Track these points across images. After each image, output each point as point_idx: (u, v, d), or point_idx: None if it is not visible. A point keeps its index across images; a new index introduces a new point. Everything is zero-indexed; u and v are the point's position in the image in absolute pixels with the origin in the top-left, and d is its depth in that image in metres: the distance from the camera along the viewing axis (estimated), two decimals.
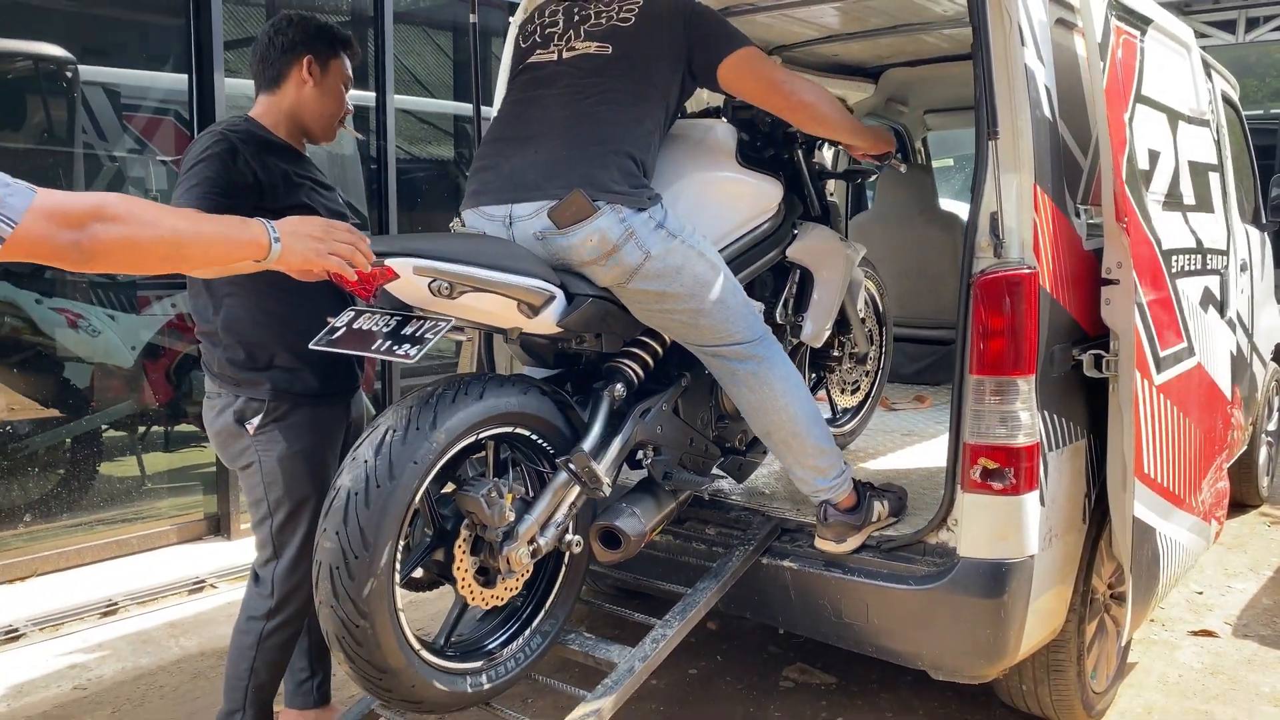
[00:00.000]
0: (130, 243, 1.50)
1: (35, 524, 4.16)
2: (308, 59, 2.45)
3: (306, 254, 1.77)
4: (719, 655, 3.44)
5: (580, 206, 2.15)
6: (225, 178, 2.29)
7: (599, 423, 2.30)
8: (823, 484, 2.50)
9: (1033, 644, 2.51)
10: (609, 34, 2.37)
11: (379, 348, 1.97)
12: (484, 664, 2.25)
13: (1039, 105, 2.38)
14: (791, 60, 4.41)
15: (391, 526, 1.94)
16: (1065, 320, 2.48)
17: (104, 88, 5.36)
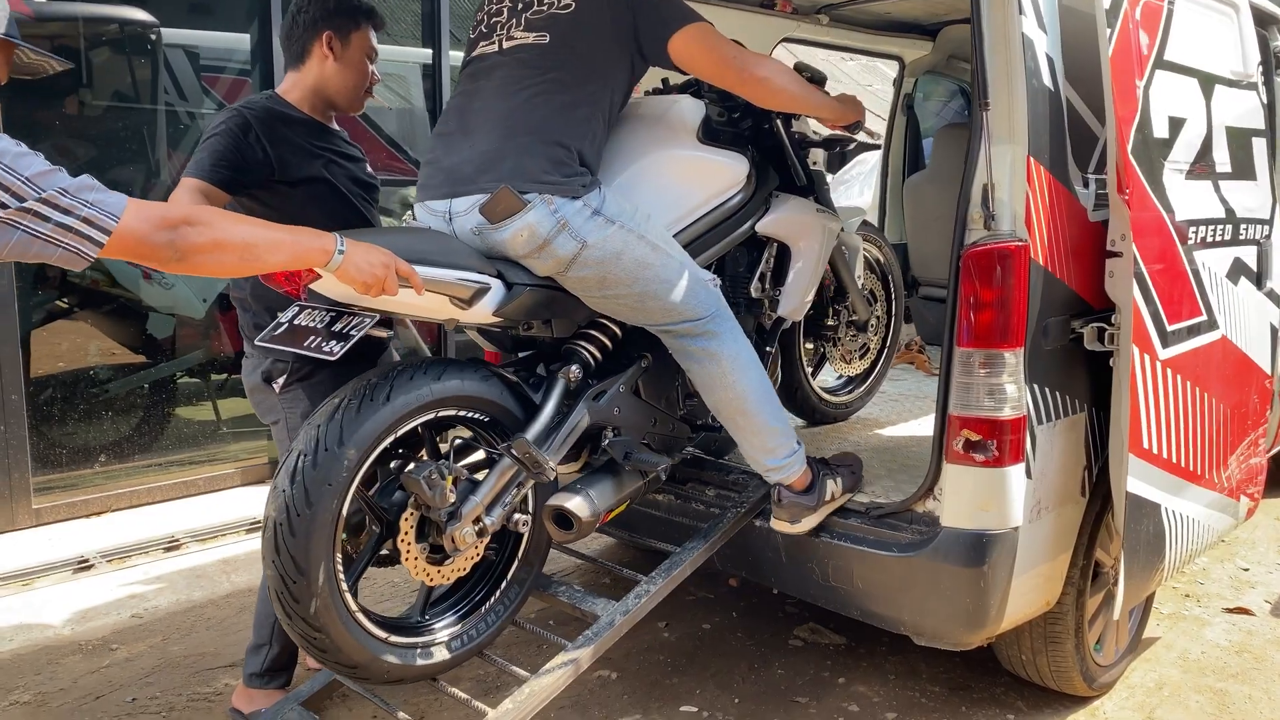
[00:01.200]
0: (216, 244, 1.67)
1: (111, 464, 4.47)
2: (327, 34, 2.53)
3: (362, 276, 1.89)
4: (734, 612, 3.53)
5: (508, 202, 2.17)
6: (234, 152, 2.40)
7: (550, 406, 2.34)
8: (771, 463, 2.52)
9: (1020, 615, 2.53)
10: (547, 22, 2.36)
11: (309, 344, 2.03)
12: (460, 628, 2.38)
13: (1037, 75, 2.35)
14: (840, 19, 4.37)
15: (320, 549, 2.01)
16: (1062, 293, 2.45)
17: (184, 49, 5.60)
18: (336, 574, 2.07)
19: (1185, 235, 2.66)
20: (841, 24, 4.41)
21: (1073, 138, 2.51)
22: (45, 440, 4.27)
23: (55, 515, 4.14)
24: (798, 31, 4.29)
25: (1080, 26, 2.52)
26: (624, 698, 2.96)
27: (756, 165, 2.74)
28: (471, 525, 2.21)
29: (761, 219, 2.79)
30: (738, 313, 2.77)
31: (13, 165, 1.49)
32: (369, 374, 2.12)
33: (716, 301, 2.45)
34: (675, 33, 2.32)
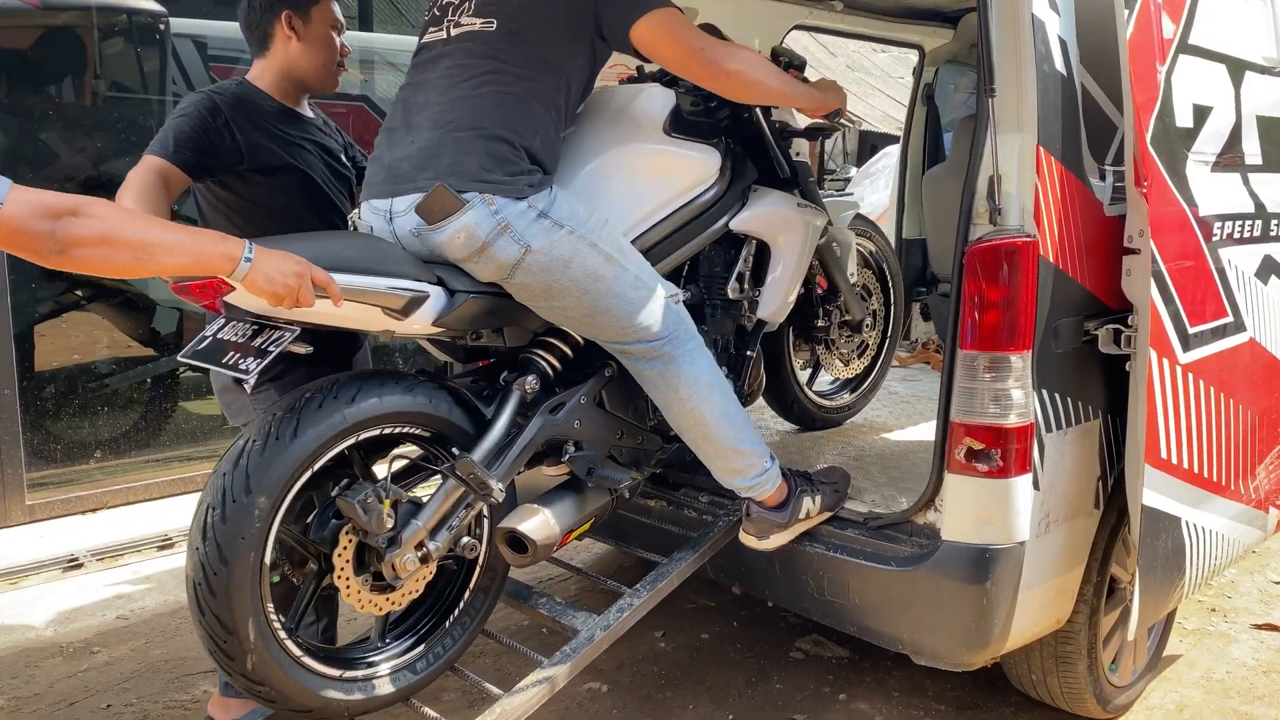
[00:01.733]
0: (103, 238, 1.53)
1: (107, 460, 4.42)
2: (286, 14, 2.41)
3: (272, 286, 1.74)
4: (736, 622, 3.40)
5: (444, 201, 2.01)
6: (199, 134, 2.28)
7: (502, 421, 2.18)
8: (741, 484, 2.38)
9: (1027, 634, 2.38)
10: (496, 6, 2.20)
11: (227, 360, 1.87)
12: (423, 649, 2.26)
13: (1048, 59, 2.19)
14: (855, 5, 4.21)
15: (244, 605, 1.88)
16: (1075, 292, 2.30)
17: (193, 39, 5.55)
18: (270, 624, 1.94)
19: (1210, 231, 2.49)
20: (857, 10, 4.26)
21: (1088, 127, 2.35)
22: (40, 436, 4.22)
23: (49, 512, 4.09)
24: (810, 18, 4.14)
25: (1097, 8, 2.36)
26: (613, 712, 2.84)
27: (733, 157, 2.58)
28: (414, 551, 2.05)
29: (737, 215, 2.62)
30: (713, 315, 2.64)
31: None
32: (275, 407, 1.96)
33: (675, 320, 2.27)
34: (639, 18, 2.15)
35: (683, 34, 2.19)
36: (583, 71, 2.25)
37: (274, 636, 1.95)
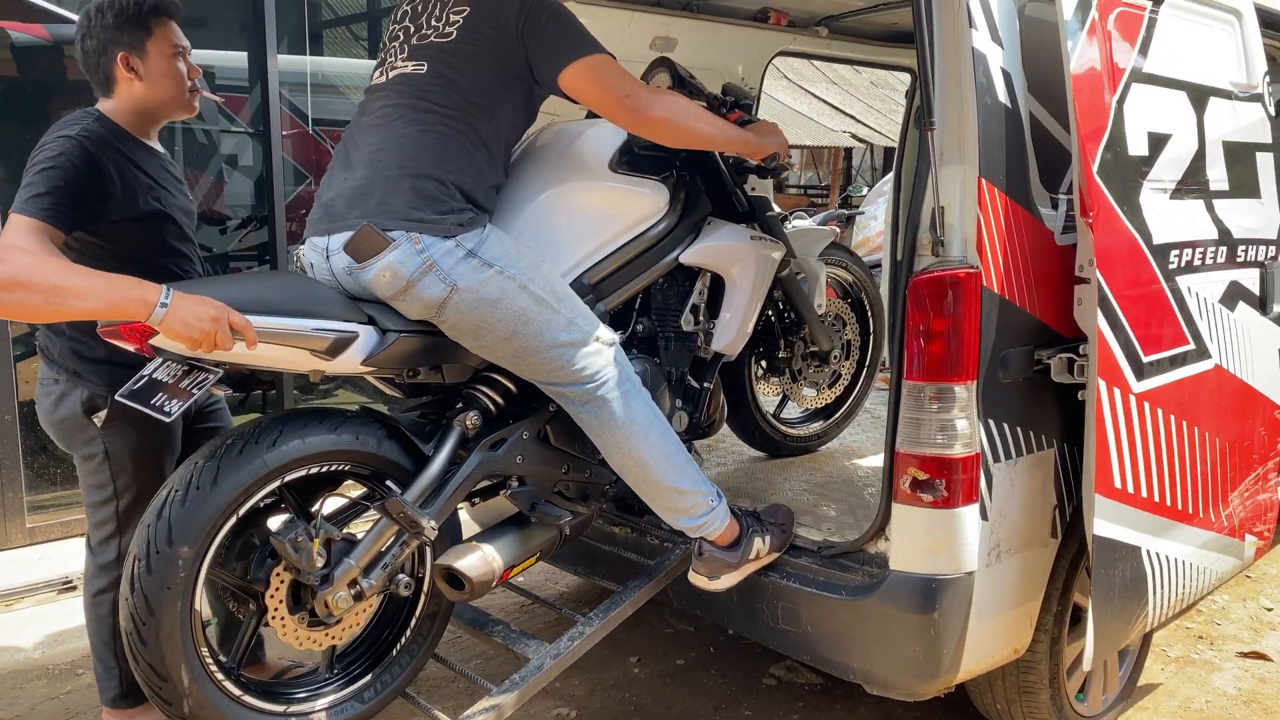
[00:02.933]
0: (15, 282, 1.58)
1: None
2: (122, 56, 2.30)
3: (189, 330, 1.78)
4: (712, 647, 3.40)
5: (371, 240, 2.04)
6: (80, 187, 2.17)
7: (440, 458, 2.19)
8: (687, 523, 2.37)
9: (983, 663, 2.37)
10: (426, 51, 2.24)
11: (154, 402, 1.90)
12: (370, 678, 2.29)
13: (990, 92, 2.21)
14: (841, 30, 4.23)
15: (176, 653, 1.93)
16: (1024, 321, 2.30)
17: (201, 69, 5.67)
18: (206, 668, 1.99)
19: (1166, 259, 2.48)
20: (843, 36, 4.27)
21: (1040, 157, 2.36)
22: (41, 459, 4.31)
23: (49, 534, 4.17)
24: (795, 44, 4.17)
25: (1047, 39, 2.37)
26: None
27: (687, 190, 2.60)
28: (346, 589, 2.08)
29: (689, 248, 2.63)
30: (667, 346, 2.66)
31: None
32: (195, 456, 1.99)
33: (607, 364, 2.27)
34: (566, 66, 2.19)
35: (609, 81, 2.21)
36: (517, 110, 2.28)
37: (210, 678, 2.00)
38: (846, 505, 2.79)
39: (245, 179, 5.73)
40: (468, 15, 2.24)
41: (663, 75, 2.73)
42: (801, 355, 3.21)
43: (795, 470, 3.19)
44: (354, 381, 5.52)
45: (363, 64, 6.62)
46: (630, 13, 3.55)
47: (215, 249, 5.55)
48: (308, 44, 6.06)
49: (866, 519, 2.62)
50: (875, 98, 14.41)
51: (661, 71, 2.73)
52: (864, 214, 8.47)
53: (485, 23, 2.22)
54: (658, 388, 2.60)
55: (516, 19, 2.20)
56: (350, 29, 7.05)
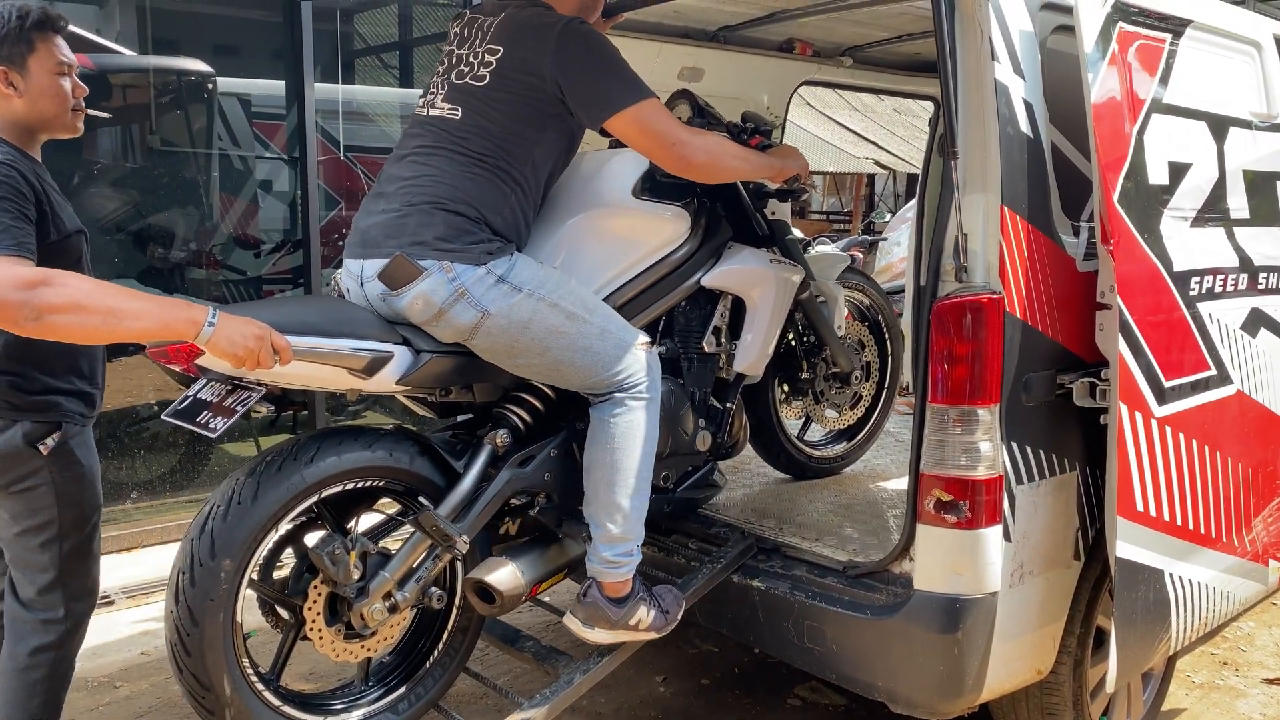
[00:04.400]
0: (75, 305, 1.66)
1: (144, 500, 4.61)
2: (0, 71, 2.20)
3: (234, 349, 1.85)
4: (737, 668, 3.44)
5: (404, 269, 2.13)
6: (30, 213, 2.09)
7: (471, 474, 2.26)
8: (604, 550, 2.32)
9: (1006, 684, 2.40)
10: (461, 95, 2.31)
11: (200, 419, 1.97)
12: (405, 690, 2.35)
13: (1012, 122, 2.27)
14: (865, 60, 4.30)
15: (216, 662, 2.01)
16: (1046, 346, 2.35)
17: (238, 97, 5.83)
18: (247, 678, 2.06)
19: (1187, 286, 2.52)
20: (867, 65, 4.35)
21: (1061, 185, 2.41)
22: None
23: None
24: (819, 74, 4.24)
25: (1069, 71, 2.43)
26: None
27: (708, 216, 2.67)
28: (381, 601, 2.15)
29: (710, 272, 2.70)
30: (690, 367, 2.71)
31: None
32: (237, 472, 2.07)
33: (644, 369, 2.33)
34: (613, 115, 2.26)
35: (655, 129, 2.29)
36: (556, 145, 2.34)
37: (251, 688, 2.07)
38: (870, 526, 2.84)
39: (279, 204, 5.86)
40: (500, 58, 2.29)
41: (683, 106, 2.79)
42: (823, 377, 3.25)
43: (820, 491, 3.23)
44: (383, 403, 5.62)
45: (393, 93, 6.77)
46: (659, 44, 3.64)
47: (250, 272, 5.67)
48: (340, 73, 6.21)
49: (890, 540, 2.66)
50: (898, 124, 14.49)
51: (682, 103, 2.80)
52: (886, 240, 8.51)
53: (517, 66, 2.27)
54: (681, 408, 2.65)
55: (550, 62, 2.24)
56: (381, 58, 7.21)
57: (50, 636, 2.30)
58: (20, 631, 2.31)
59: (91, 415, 2.39)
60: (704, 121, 2.74)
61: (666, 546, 2.82)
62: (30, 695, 2.30)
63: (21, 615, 2.32)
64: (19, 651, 2.30)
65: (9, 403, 2.24)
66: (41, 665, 2.30)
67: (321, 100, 5.18)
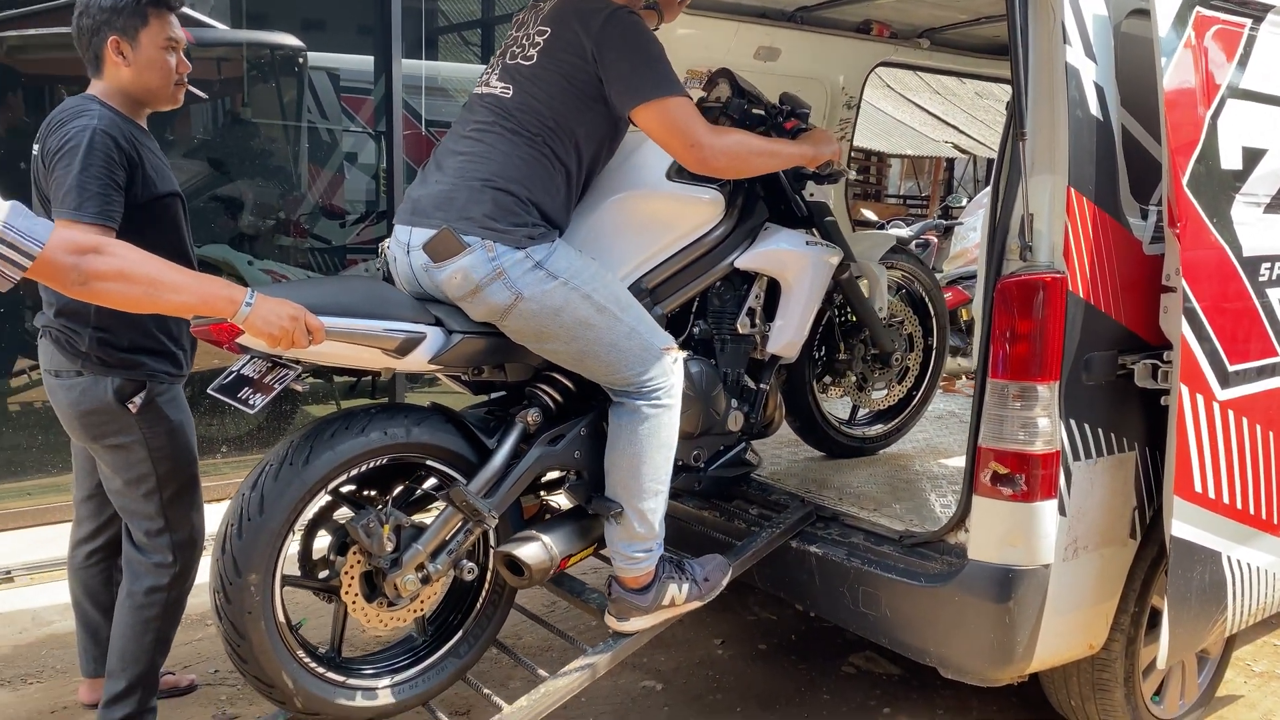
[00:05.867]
0: (120, 273, 1.73)
1: (232, 455, 4.84)
2: (113, 40, 2.35)
3: (269, 329, 1.94)
4: (794, 635, 3.53)
5: (448, 243, 2.19)
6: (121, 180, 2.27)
7: (503, 452, 2.33)
8: (623, 548, 2.39)
9: (1056, 656, 2.46)
10: (512, 74, 2.36)
11: (240, 395, 2.06)
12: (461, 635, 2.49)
13: (1082, 105, 2.30)
14: (942, 42, 4.31)
15: (271, 663, 2.14)
16: (1108, 327, 2.39)
17: (327, 71, 6.03)
18: (306, 666, 2.23)
19: (1256, 272, 2.53)
20: (944, 47, 4.35)
21: (1131, 168, 2.44)
22: None
23: None
24: (896, 55, 4.27)
25: (1142, 54, 2.45)
26: (664, 709, 3.02)
27: (745, 197, 2.69)
28: (414, 572, 2.24)
29: (745, 253, 2.71)
30: (723, 349, 2.75)
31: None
32: (243, 486, 2.15)
33: (664, 375, 2.35)
34: (640, 105, 2.29)
35: (679, 126, 2.30)
36: (600, 128, 2.37)
37: (311, 674, 2.23)
38: (928, 500, 2.90)
39: (363, 175, 6.06)
40: (548, 38, 2.35)
41: (723, 86, 2.79)
42: (862, 358, 3.25)
43: (881, 466, 3.29)
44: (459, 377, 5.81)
45: (473, 69, 6.92)
46: (736, 23, 3.71)
47: (334, 241, 5.88)
48: (423, 48, 6.37)
49: (946, 513, 2.72)
50: (979, 108, 14.26)
51: (722, 82, 2.80)
52: (962, 225, 8.44)
53: (562, 47, 2.32)
54: (713, 388, 2.69)
55: (593, 43, 2.28)
56: (462, 35, 7.37)
57: (162, 579, 2.50)
58: (135, 572, 2.53)
59: (180, 374, 2.54)
60: (743, 102, 2.74)
61: (728, 512, 2.92)
62: (144, 631, 2.51)
63: (136, 557, 2.53)
64: (135, 590, 2.51)
65: (100, 359, 2.40)
66: (155, 605, 2.50)
67: (406, 75, 5.33)
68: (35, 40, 4.69)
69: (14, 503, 4.33)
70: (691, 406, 2.57)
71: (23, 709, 2.93)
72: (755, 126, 2.71)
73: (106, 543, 2.73)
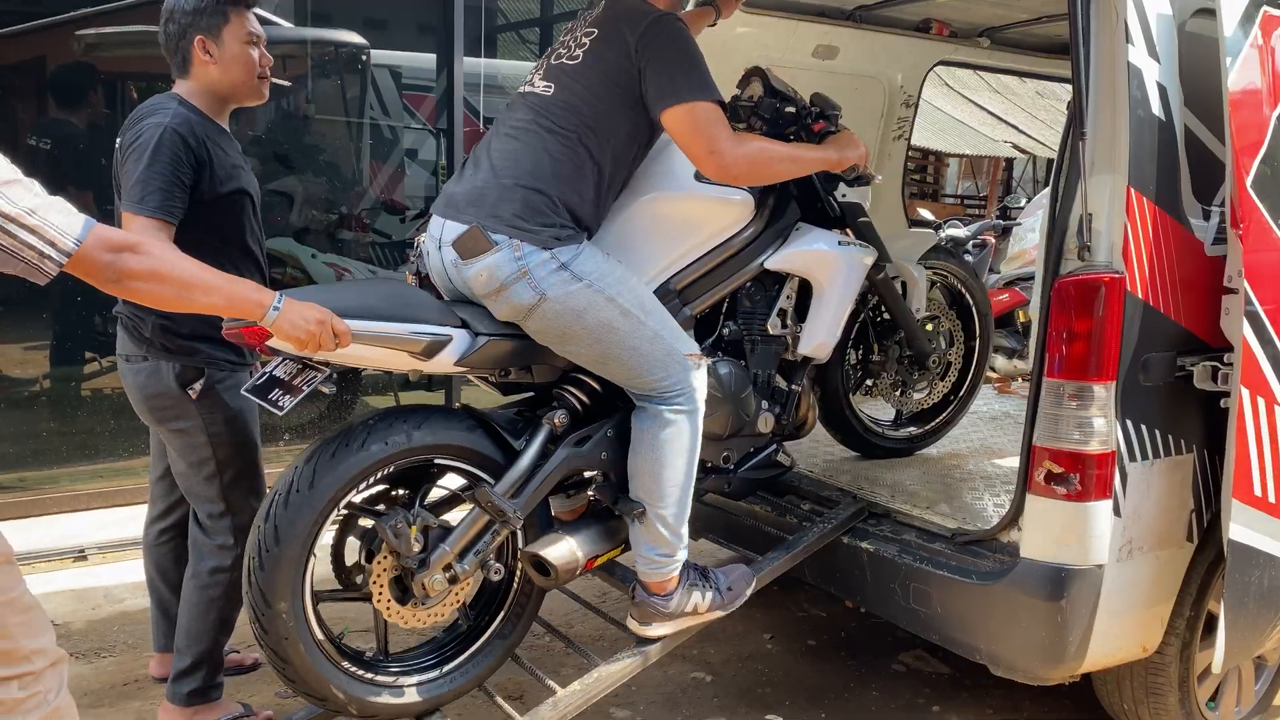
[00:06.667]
0: (153, 273, 1.75)
1: (294, 442, 4.96)
2: (199, 39, 2.46)
3: (296, 333, 1.98)
4: (843, 632, 3.55)
5: (476, 240, 2.21)
6: (187, 177, 2.36)
7: (529, 453, 2.34)
8: (647, 551, 2.40)
9: (1109, 657, 2.46)
10: (556, 73, 2.37)
11: (271, 396, 2.11)
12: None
13: (1144, 105, 2.29)
14: (1003, 41, 4.29)
15: (318, 679, 2.20)
16: (1168, 328, 2.38)
17: (389, 69, 6.14)
18: (353, 675, 2.28)
19: None
20: (1005, 47, 4.33)
21: (1193, 169, 2.43)
22: None
23: None
24: (955, 54, 4.25)
25: (1207, 54, 2.43)
26: (714, 700, 3.06)
27: (776, 197, 2.67)
28: (442, 573, 2.26)
29: (776, 254, 2.69)
30: (753, 349, 2.74)
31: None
32: (257, 518, 2.19)
33: (686, 382, 2.35)
34: (669, 106, 2.28)
35: (702, 132, 2.28)
36: (635, 137, 2.38)
37: (359, 680, 2.29)
38: (981, 498, 2.90)
39: (423, 171, 6.16)
40: (595, 39, 2.36)
41: (755, 85, 2.78)
42: (897, 359, 3.23)
43: (933, 465, 3.29)
44: None
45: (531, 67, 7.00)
46: (795, 22, 3.73)
47: (394, 236, 5.99)
48: (483, 47, 6.47)
49: (999, 512, 2.72)
50: (1040, 108, 14.07)
51: (754, 81, 2.79)
52: (1021, 226, 8.35)
53: (609, 47, 2.33)
54: (743, 390, 2.68)
55: (638, 43, 2.28)
56: (519, 33, 7.46)
57: (225, 560, 2.57)
58: (200, 553, 2.62)
59: (243, 363, 2.60)
60: (775, 102, 2.72)
61: (779, 506, 2.95)
62: (208, 610, 2.60)
63: (200, 539, 2.62)
64: (200, 570, 2.60)
65: (162, 344, 2.49)
66: (218, 585, 2.58)
67: (465, 73, 5.42)
68: (111, 38, 4.85)
69: (86, 484, 4.50)
70: (720, 408, 2.58)
71: (97, 681, 3.05)
72: (788, 126, 2.71)
73: (177, 522, 2.83)
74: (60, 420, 4.75)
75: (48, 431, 4.65)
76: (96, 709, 2.91)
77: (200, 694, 2.63)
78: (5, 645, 1.72)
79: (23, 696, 1.74)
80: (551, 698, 2.36)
